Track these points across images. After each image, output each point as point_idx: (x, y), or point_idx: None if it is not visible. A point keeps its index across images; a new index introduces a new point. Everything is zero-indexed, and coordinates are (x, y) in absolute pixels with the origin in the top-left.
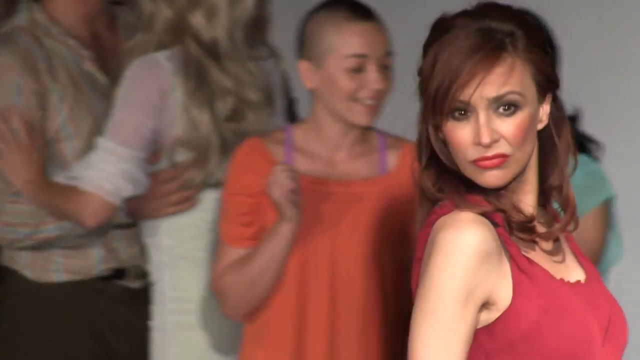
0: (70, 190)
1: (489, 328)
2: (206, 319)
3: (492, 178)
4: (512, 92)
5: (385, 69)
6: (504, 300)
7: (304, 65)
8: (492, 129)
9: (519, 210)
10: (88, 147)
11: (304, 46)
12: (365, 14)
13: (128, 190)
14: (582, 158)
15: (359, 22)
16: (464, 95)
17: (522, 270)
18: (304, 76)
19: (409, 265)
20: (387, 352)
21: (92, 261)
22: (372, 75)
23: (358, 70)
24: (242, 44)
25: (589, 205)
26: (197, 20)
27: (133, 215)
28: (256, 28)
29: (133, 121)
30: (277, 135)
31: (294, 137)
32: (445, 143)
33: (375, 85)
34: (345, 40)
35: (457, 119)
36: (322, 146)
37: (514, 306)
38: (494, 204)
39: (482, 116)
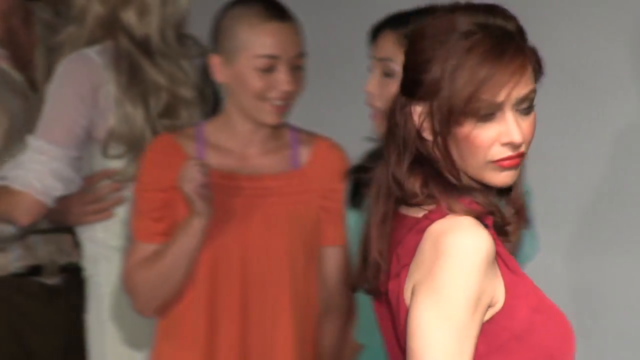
0: (1, 190)
1: (482, 329)
2: None
3: (508, 178)
4: (532, 91)
5: (296, 70)
6: (500, 302)
7: (215, 60)
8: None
9: (501, 212)
10: (4, 146)
11: (217, 41)
12: (280, 14)
13: (58, 190)
14: None
15: (273, 22)
16: (499, 97)
17: (511, 270)
18: (215, 70)
19: (323, 259)
20: (299, 346)
21: (8, 258)
22: (282, 76)
23: (268, 70)
24: (174, 41)
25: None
26: (129, 17)
27: (54, 220)
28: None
29: (64, 119)
30: (190, 131)
31: (206, 132)
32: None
33: (285, 86)
34: (257, 40)
35: (483, 121)
36: (233, 141)
37: (507, 306)
38: (484, 206)
39: (511, 115)
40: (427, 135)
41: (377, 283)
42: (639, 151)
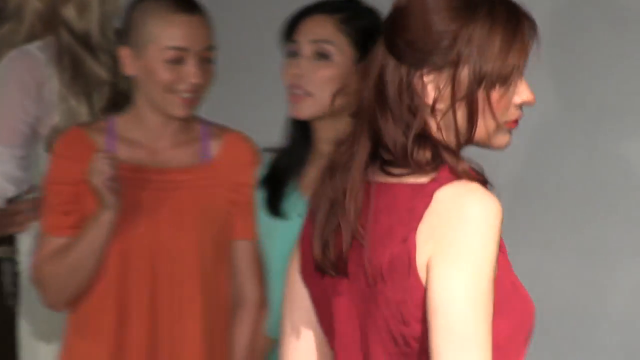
0: None
1: None
2: None
3: (510, 139)
4: None
5: (206, 62)
6: (494, 272)
7: (125, 52)
8: None
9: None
10: None
11: (127, 33)
12: (189, 7)
13: (10, 191)
14: None
15: (181, 15)
16: (523, 60)
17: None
18: (124, 63)
19: (234, 253)
20: (209, 341)
21: None
22: (190, 68)
23: (177, 62)
24: (114, 36)
25: None
26: (69, 12)
27: None
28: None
29: (10, 118)
30: (101, 125)
31: (117, 125)
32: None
33: (193, 79)
34: (165, 32)
35: (509, 84)
36: (143, 135)
37: (497, 279)
38: (480, 175)
39: (522, 77)
40: (441, 103)
41: (347, 260)
42: (551, 146)
